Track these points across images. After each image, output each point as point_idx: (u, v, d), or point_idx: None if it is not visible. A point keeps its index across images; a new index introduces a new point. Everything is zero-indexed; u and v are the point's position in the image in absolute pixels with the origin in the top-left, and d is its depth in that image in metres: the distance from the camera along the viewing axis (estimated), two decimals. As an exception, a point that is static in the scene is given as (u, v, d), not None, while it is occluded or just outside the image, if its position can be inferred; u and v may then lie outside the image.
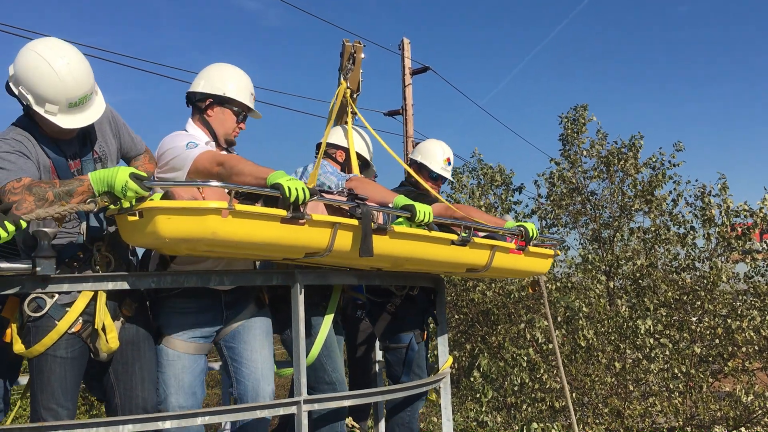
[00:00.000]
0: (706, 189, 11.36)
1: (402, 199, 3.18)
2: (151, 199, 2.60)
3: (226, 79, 3.22)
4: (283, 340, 3.50)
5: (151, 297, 3.11)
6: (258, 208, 2.57)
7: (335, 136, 3.99)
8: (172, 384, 3.01)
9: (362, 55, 4.07)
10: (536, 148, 48.63)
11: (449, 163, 4.51)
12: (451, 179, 4.57)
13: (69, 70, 2.68)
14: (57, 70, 2.65)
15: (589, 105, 13.10)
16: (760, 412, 10.40)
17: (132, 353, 2.93)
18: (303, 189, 2.59)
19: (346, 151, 3.96)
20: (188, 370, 3.05)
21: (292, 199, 2.56)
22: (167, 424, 2.75)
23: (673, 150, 11.96)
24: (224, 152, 3.20)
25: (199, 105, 3.21)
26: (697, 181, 11.75)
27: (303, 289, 3.03)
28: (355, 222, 2.81)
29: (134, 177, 2.48)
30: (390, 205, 3.16)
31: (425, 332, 4.18)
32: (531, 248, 3.73)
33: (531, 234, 3.66)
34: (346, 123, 4.04)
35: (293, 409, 2.98)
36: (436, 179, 4.44)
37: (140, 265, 3.16)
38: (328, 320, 3.42)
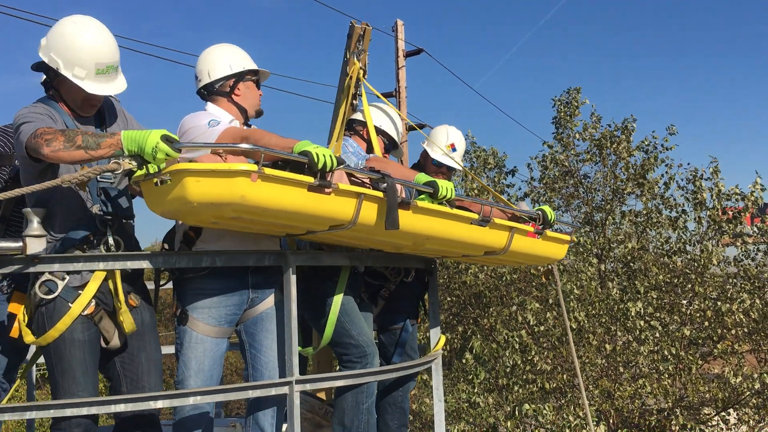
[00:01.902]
0: (697, 172, 11.41)
1: (423, 176, 3.18)
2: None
3: (234, 55, 3.24)
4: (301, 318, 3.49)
5: (176, 278, 3.08)
6: (286, 173, 2.54)
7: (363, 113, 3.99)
8: (192, 366, 3.00)
9: (370, 38, 4.06)
10: (529, 131, 48.67)
11: (454, 149, 4.32)
12: (459, 167, 4.36)
13: (99, 36, 2.84)
14: (88, 34, 2.81)
15: (584, 88, 13.13)
16: (748, 393, 10.51)
17: (138, 343, 2.92)
18: (330, 156, 2.57)
19: (375, 129, 3.97)
20: (210, 354, 3.03)
21: (320, 165, 2.54)
22: (159, 404, 2.75)
23: (666, 133, 12.00)
24: (246, 127, 3.21)
25: (224, 89, 3.21)
26: (689, 164, 11.84)
27: (295, 270, 3.03)
28: (379, 194, 2.78)
29: (165, 139, 2.46)
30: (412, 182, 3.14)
31: (418, 316, 4.18)
32: (548, 233, 3.71)
33: (549, 217, 3.61)
34: (353, 104, 4.03)
35: (285, 390, 2.98)
36: (440, 167, 4.31)
37: (164, 243, 3.18)
38: (341, 286, 3.42)
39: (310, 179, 2.55)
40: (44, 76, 3.11)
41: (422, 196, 3.11)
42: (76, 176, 2.48)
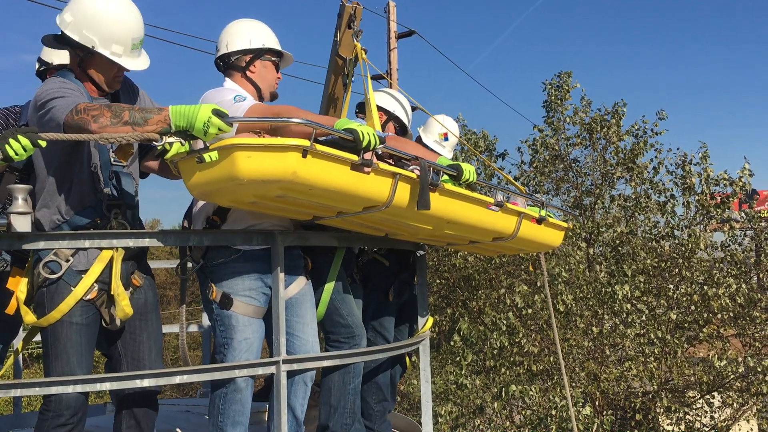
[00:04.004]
0: (687, 157, 11.45)
1: (446, 159, 3.18)
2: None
3: (256, 31, 3.17)
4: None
5: (204, 264, 3.03)
6: (334, 150, 2.50)
7: (378, 97, 4.00)
8: (243, 349, 2.97)
9: (360, 17, 4.03)
10: (520, 115, 48.60)
11: (446, 138, 4.42)
12: (446, 156, 4.49)
13: (131, 10, 2.76)
14: (122, 9, 2.72)
15: (576, 73, 13.09)
16: (732, 377, 10.64)
17: (139, 323, 2.90)
18: (374, 134, 2.55)
19: (388, 113, 4.00)
20: (258, 335, 3.03)
21: (365, 143, 2.51)
22: (145, 383, 2.75)
23: (656, 118, 12.02)
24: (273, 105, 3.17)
25: (239, 64, 3.14)
26: (678, 149, 11.84)
27: (282, 250, 3.02)
28: (412, 175, 2.76)
29: (216, 113, 2.40)
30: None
31: (389, 293, 4.12)
32: (550, 219, 3.73)
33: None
34: (345, 84, 4.04)
35: (272, 369, 2.99)
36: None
37: (184, 221, 3.16)
38: (337, 264, 3.43)
39: (354, 157, 2.53)
40: (41, 54, 3.05)
41: (443, 178, 3.10)
42: (115, 137, 2.41)
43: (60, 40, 2.79)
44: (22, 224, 2.58)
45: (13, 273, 2.85)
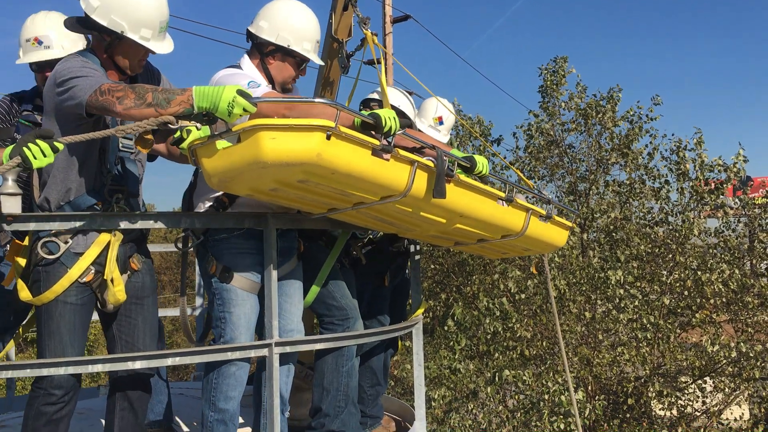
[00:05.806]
0: (681, 143, 11.44)
1: (457, 152, 3.20)
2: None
3: (291, 25, 3.07)
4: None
5: (209, 238, 3.05)
6: (357, 133, 2.49)
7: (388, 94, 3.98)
8: (242, 324, 3.01)
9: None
10: (516, 101, 48.62)
11: (440, 123, 4.36)
12: (441, 139, 4.44)
13: None
14: None
15: (572, 58, 13.04)
16: (724, 362, 10.70)
17: (136, 307, 2.91)
18: (395, 119, 2.57)
19: (395, 110, 3.93)
20: (254, 310, 3.07)
21: (386, 128, 2.54)
22: (137, 365, 2.74)
23: (651, 104, 11.99)
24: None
25: (261, 50, 3.11)
26: (673, 135, 11.85)
27: (275, 233, 3.01)
28: (430, 164, 2.77)
29: (241, 94, 2.38)
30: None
31: (385, 278, 4.12)
32: (554, 217, 3.72)
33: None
34: (345, 67, 4.03)
35: (264, 352, 2.99)
36: None
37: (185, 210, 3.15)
38: (335, 252, 3.45)
39: (376, 141, 2.52)
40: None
41: (457, 170, 3.09)
42: (132, 127, 2.38)
43: (85, 24, 2.74)
44: (11, 205, 2.56)
45: (12, 246, 2.83)
